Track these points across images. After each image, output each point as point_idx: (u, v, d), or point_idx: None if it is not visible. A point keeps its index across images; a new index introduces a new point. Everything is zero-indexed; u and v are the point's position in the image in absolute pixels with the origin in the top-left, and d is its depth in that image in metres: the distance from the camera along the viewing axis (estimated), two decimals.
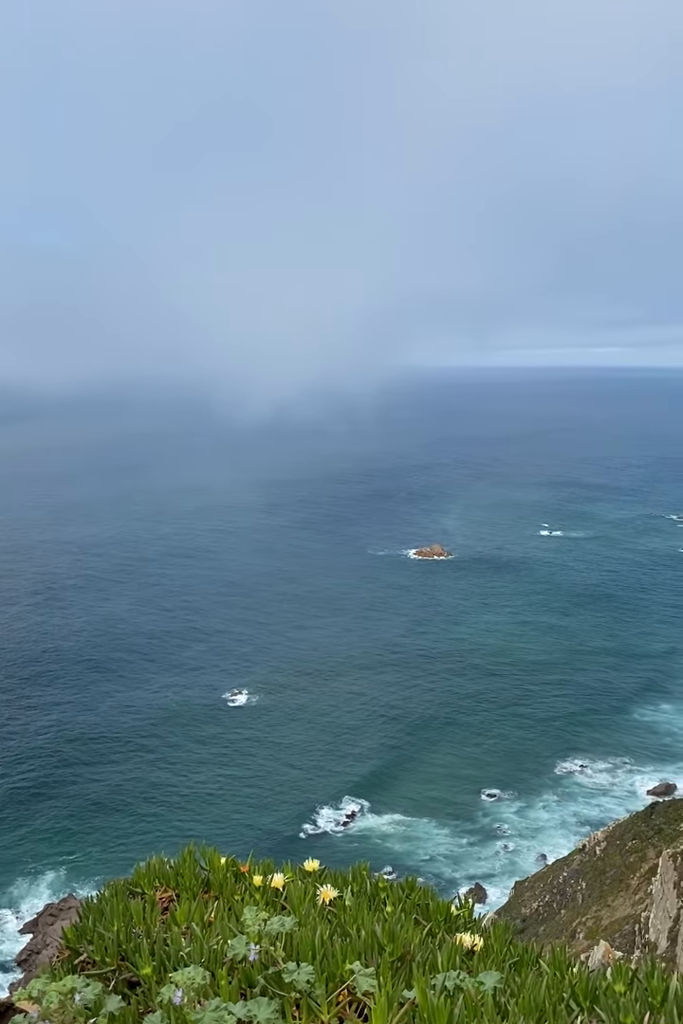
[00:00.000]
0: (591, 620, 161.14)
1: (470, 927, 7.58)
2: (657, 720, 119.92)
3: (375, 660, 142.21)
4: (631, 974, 5.65)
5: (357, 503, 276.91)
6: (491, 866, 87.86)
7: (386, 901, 8.04)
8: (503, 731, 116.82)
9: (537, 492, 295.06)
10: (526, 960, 6.77)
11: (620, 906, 56.84)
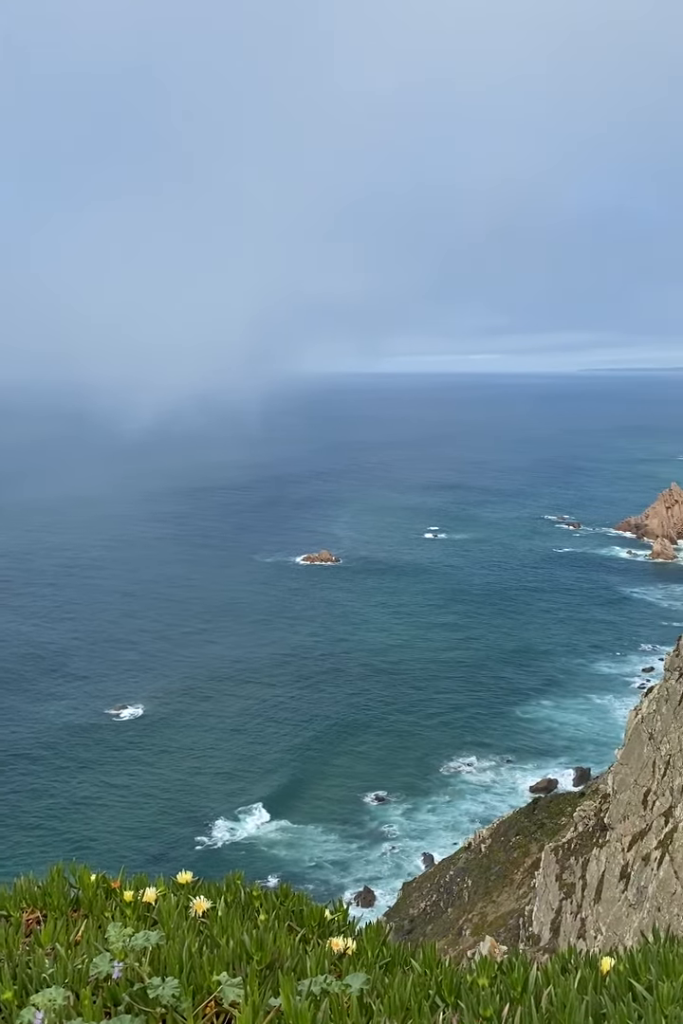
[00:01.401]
0: (475, 620, 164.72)
1: (344, 931, 7.57)
2: (538, 717, 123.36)
3: (265, 667, 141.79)
4: (497, 967, 5.73)
5: (244, 511, 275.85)
6: (379, 869, 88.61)
7: (259, 910, 7.96)
8: (391, 733, 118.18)
9: (423, 496, 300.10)
10: (397, 960, 6.81)
11: (505, 901, 58.17)
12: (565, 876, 49.24)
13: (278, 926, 7.49)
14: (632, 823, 45.17)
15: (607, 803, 50.52)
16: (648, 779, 46.36)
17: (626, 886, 41.83)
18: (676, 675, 49.62)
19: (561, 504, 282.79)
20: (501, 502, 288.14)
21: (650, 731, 48.84)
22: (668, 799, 42.88)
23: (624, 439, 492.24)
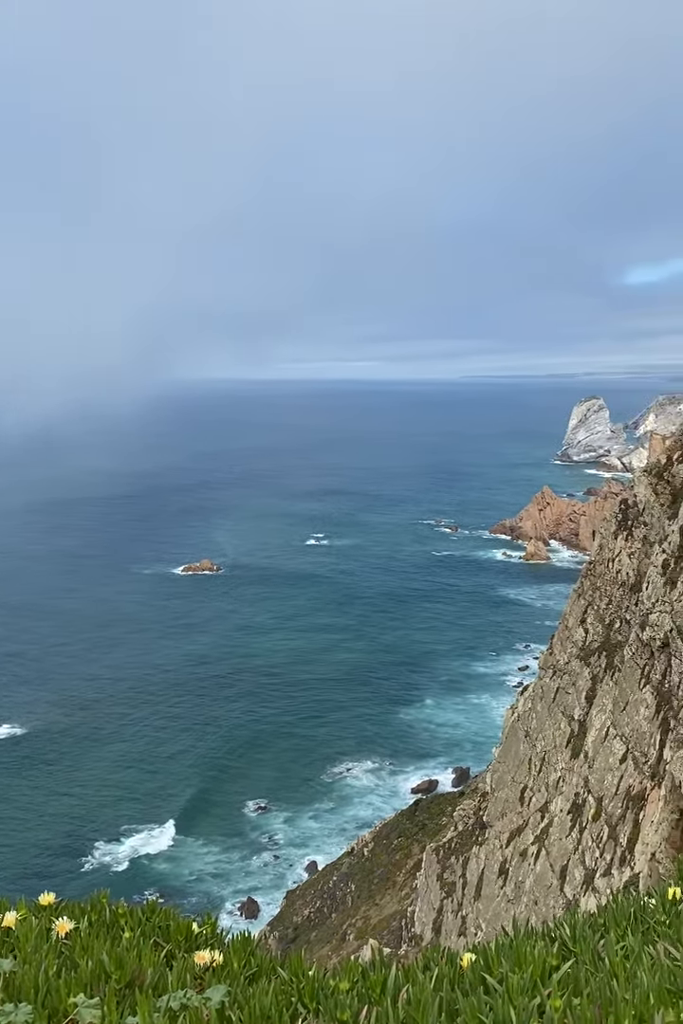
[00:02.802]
0: (357, 626, 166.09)
1: (211, 944, 7.44)
2: (420, 719, 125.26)
3: (143, 680, 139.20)
4: (359, 971, 5.72)
5: (123, 521, 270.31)
6: (261, 879, 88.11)
7: (125, 927, 7.75)
8: (274, 741, 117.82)
9: (306, 502, 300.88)
10: (264, 970, 6.73)
11: (388, 904, 58.71)
12: (446, 875, 50.05)
13: (143, 943, 7.31)
14: (510, 820, 46.31)
15: (486, 801, 51.66)
16: (525, 776, 47.65)
17: (505, 882, 42.84)
18: (550, 673, 51.19)
19: (440, 508, 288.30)
20: (383, 507, 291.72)
21: (526, 729, 50.24)
22: (544, 795, 44.16)
23: (501, 444, 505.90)
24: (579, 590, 53.64)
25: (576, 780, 39.52)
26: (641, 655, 41.39)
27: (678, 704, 36.31)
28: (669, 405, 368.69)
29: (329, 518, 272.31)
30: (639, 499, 49.93)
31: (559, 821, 39.21)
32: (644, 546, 47.71)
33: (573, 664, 47.87)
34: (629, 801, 35.00)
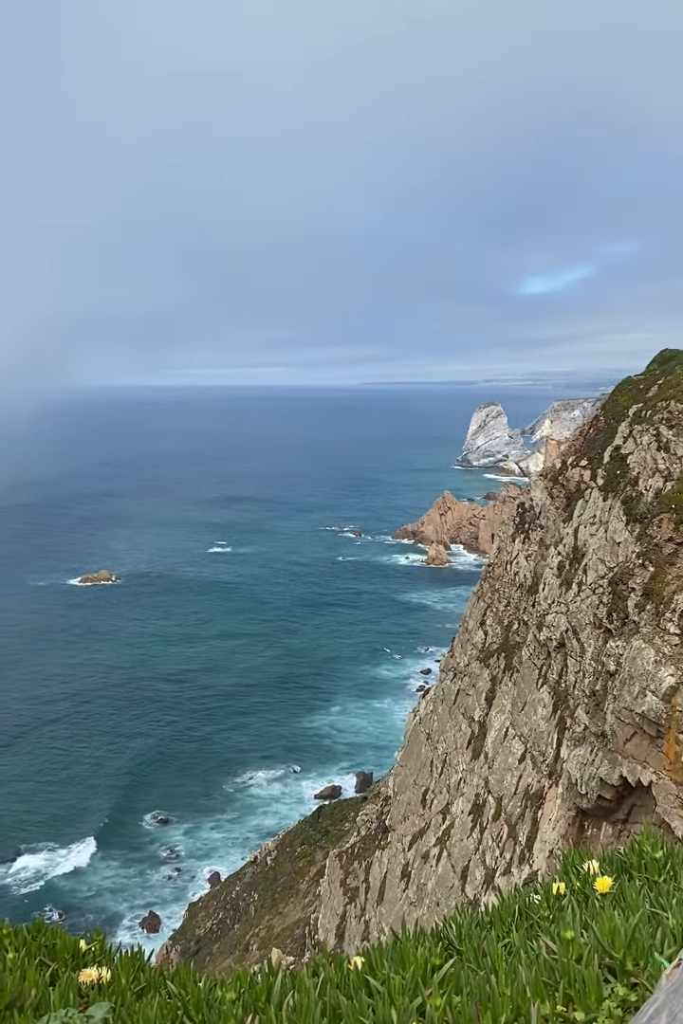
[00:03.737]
0: (261, 631, 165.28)
1: (99, 961, 7.23)
2: (323, 725, 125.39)
3: (40, 694, 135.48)
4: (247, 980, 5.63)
5: (14, 533, 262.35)
6: (163, 892, 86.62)
7: (8, 948, 7.46)
8: (174, 752, 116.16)
9: (208, 510, 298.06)
10: (153, 985, 6.57)
11: (291, 912, 58.49)
12: (349, 881, 50.17)
13: (28, 963, 7.06)
14: (412, 823, 46.72)
15: (388, 805, 52.01)
16: (427, 778, 48.15)
17: (407, 885, 43.17)
18: (451, 675, 51.92)
19: (344, 514, 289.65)
20: (287, 514, 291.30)
21: (427, 731, 50.79)
22: (445, 796, 44.72)
23: (403, 449, 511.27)
24: (478, 593, 54.60)
25: (476, 781, 40.13)
26: (538, 656, 42.36)
27: (574, 703, 37.27)
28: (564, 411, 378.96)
29: (232, 526, 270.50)
30: (535, 503, 51.14)
31: (460, 822, 39.74)
32: (540, 548, 48.89)
33: (473, 666, 48.63)
34: (528, 800, 35.71)
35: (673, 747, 30.44)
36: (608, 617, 36.26)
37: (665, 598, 32.55)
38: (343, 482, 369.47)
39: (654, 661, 31.51)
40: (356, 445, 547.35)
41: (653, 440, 40.37)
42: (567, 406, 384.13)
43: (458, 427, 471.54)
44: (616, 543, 39.30)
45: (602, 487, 42.54)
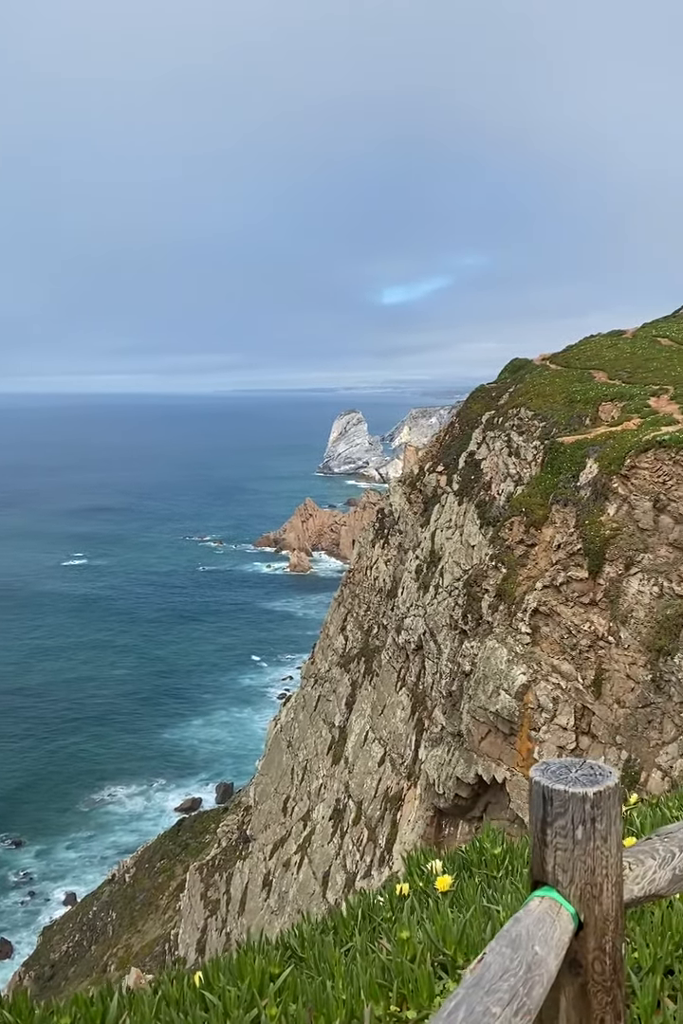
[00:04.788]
0: (120, 644, 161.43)
1: None
2: (185, 737, 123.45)
3: None
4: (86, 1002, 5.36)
5: None
6: (13, 918, 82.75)
7: None
8: (27, 770, 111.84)
9: (63, 522, 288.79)
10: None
11: (150, 929, 57.20)
12: (210, 893, 49.50)
13: None
14: (273, 831, 46.54)
15: (249, 815, 51.64)
16: (287, 786, 48.09)
17: (269, 894, 42.94)
18: (311, 682, 52.08)
19: (205, 523, 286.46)
20: (144, 524, 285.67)
21: (288, 739, 50.75)
22: (306, 803, 44.77)
23: (263, 457, 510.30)
24: (339, 598, 55.01)
25: (337, 786, 40.33)
26: (397, 659, 43.01)
27: (431, 704, 37.99)
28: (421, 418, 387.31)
29: (89, 537, 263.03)
30: (394, 508, 51.98)
31: (321, 828, 39.84)
32: (399, 553, 49.70)
33: (334, 671, 48.91)
34: (387, 802, 36.14)
35: (525, 743, 31.45)
36: (463, 618, 37.17)
37: (517, 598, 33.63)
38: (204, 491, 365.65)
39: (507, 660, 32.48)
40: (217, 453, 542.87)
41: (505, 446, 41.70)
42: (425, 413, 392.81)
43: (319, 434, 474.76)
44: (471, 546, 40.39)
45: (457, 492, 43.65)
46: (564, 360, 50.19)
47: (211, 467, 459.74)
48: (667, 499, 29.59)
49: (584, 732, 29.72)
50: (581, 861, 1.93)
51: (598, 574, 30.79)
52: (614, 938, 1.95)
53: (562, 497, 33.58)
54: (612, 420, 36.85)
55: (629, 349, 49.78)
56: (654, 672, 28.36)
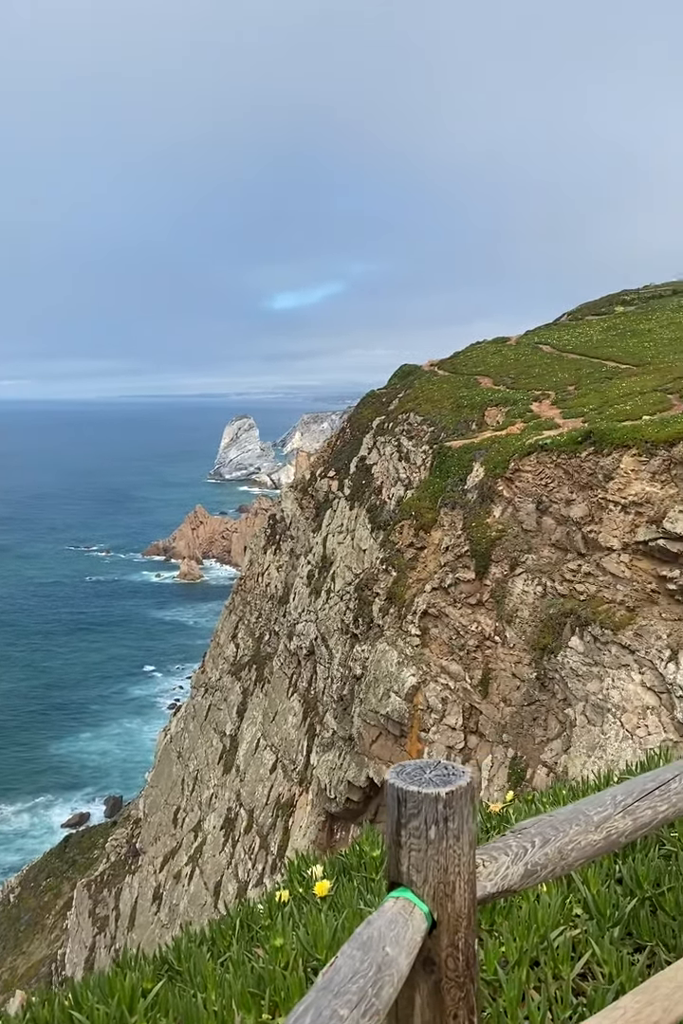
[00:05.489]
0: (3, 657, 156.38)
1: None
2: (72, 751, 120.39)
3: None
4: None
5: None
6: None
7: None
8: None
9: None
10: None
11: (36, 950, 55.47)
12: (98, 910, 48.34)
13: None
14: (163, 843, 45.81)
15: (139, 828, 50.70)
16: (178, 797, 47.42)
17: (159, 907, 42.23)
18: (202, 691, 51.54)
19: (92, 532, 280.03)
20: (27, 534, 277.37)
21: (178, 750, 50.08)
22: (197, 814, 44.23)
23: (153, 464, 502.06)
24: (230, 606, 54.64)
25: (228, 795, 40.00)
26: (289, 665, 42.97)
27: (323, 709, 38.09)
28: (313, 423, 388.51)
29: None
30: (286, 514, 51.95)
31: (212, 838, 39.43)
32: (291, 559, 49.69)
33: (225, 680, 48.54)
34: (279, 809, 36.04)
35: (416, 744, 31.87)
36: (355, 622, 37.44)
37: (406, 601, 34.08)
38: (90, 499, 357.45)
39: (397, 663, 32.87)
40: (104, 460, 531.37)
41: (395, 451, 42.26)
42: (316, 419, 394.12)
43: (210, 440, 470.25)
44: (362, 550, 40.73)
45: (349, 497, 43.97)
46: (451, 366, 51.26)
47: (98, 475, 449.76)
48: (549, 501, 30.45)
49: (472, 731, 30.31)
50: (434, 860, 1.94)
51: (485, 575, 31.47)
52: (467, 934, 1.98)
53: (450, 500, 34.21)
54: (497, 425, 37.76)
55: (513, 356, 51.19)
56: (538, 670, 29.13)
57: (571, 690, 27.27)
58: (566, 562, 29.38)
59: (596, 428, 30.64)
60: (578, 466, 29.79)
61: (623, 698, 26.27)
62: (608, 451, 29.08)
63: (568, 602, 28.79)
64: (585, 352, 48.33)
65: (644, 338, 49.20)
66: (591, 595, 28.22)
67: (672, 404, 32.73)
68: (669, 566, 26.75)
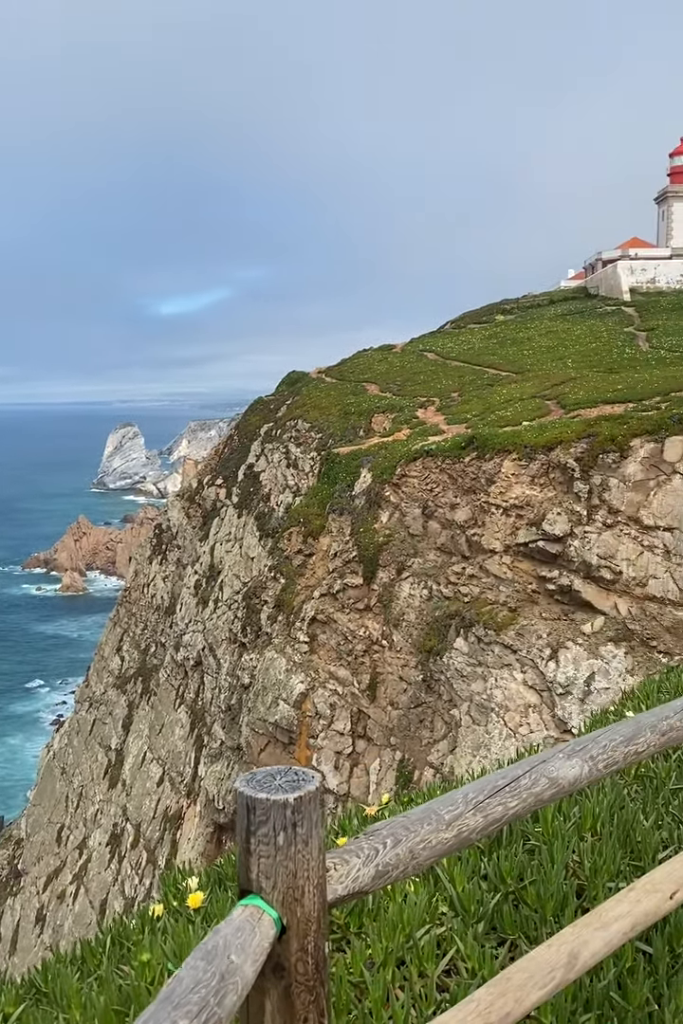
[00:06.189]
0: None
1: None
2: None
3: None
4: None
5: None
6: None
7: None
8: None
9: None
10: None
11: None
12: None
13: None
14: (47, 863, 44.49)
15: (21, 848, 49.10)
16: (62, 815, 46.13)
17: (42, 929, 40.97)
18: (86, 706, 50.31)
19: None
20: None
21: (62, 766, 48.74)
22: (82, 831, 43.12)
23: (33, 473, 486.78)
24: (115, 618, 53.56)
25: (114, 810, 39.16)
26: (176, 676, 42.39)
27: (211, 720, 37.71)
28: (200, 431, 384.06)
29: None
30: (173, 523, 51.29)
31: (98, 855, 38.52)
32: (178, 569, 49.06)
33: (110, 693, 47.54)
34: (167, 822, 35.49)
35: (305, 752, 31.90)
36: (243, 631, 37.25)
37: (295, 608, 34.10)
38: None
39: (285, 670, 32.84)
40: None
41: (283, 457, 42.26)
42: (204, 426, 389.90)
43: (94, 449, 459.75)
44: (250, 558, 40.55)
45: (237, 504, 43.73)
46: (339, 373, 51.64)
47: None
48: (434, 505, 31.00)
49: (360, 736, 30.55)
50: (283, 866, 1.95)
51: (372, 580, 31.78)
52: (316, 938, 1.99)
53: (338, 506, 34.42)
54: (384, 431, 38.22)
55: (399, 363, 51.93)
56: (425, 672, 29.60)
57: (456, 691, 27.80)
58: (451, 565, 29.96)
59: (479, 434, 31.39)
60: (462, 471, 30.43)
61: (506, 697, 26.94)
62: (490, 456, 29.81)
63: (453, 604, 29.37)
64: (468, 359, 49.40)
65: (523, 346, 50.63)
66: (475, 597, 28.85)
67: (550, 410, 33.82)
68: (548, 567, 27.61)
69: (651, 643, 25.86)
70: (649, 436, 27.12)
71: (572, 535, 26.88)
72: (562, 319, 57.88)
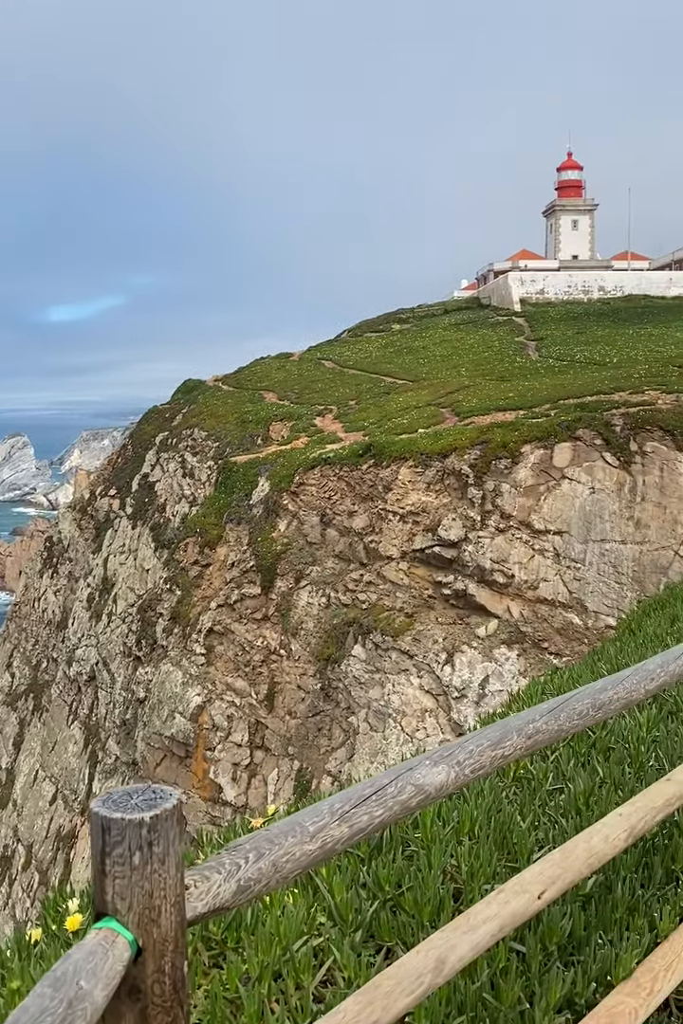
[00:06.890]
0: None
1: None
2: None
3: None
4: None
5: None
6: None
7: None
8: None
9: None
10: None
11: None
12: None
13: None
14: None
15: None
16: None
17: None
18: None
19: None
20: None
21: None
22: None
23: None
24: (5, 634, 51.90)
25: (4, 831, 37.93)
26: (69, 692, 41.33)
27: (105, 735, 36.90)
28: (93, 440, 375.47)
29: None
30: (64, 535, 50.01)
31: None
32: (70, 582, 47.85)
33: (0, 711, 46.07)
34: (60, 841, 34.57)
35: (201, 765, 31.51)
36: (138, 644, 36.58)
37: (192, 620, 33.68)
38: None
39: (182, 683, 32.41)
40: None
41: (179, 467, 41.71)
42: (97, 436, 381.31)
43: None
44: (145, 570, 39.87)
45: (131, 515, 42.93)
46: (236, 381, 51.35)
47: None
48: (333, 513, 31.11)
49: (258, 746, 30.38)
50: (139, 886, 1.91)
51: (270, 589, 31.66)
52: (174, 958, 1.96)
53: (235, 516, 34.20)
54: (282, 439, 38.17)
55: (296, 371, 51.99)
56: (323, 681, 29.64)
57: (354, 698, 27.93)
58: (349, 572, 30.10)
59: (376, 441, 31.67)
60: (359, 478, 30.63)
61: (403, 702, 27.21)
62: (387, 463, 30.11)
63: (351, 611, 29.50)
64: (365, 368, 49.83)
65: (419, 355, 51.37)
66: (373, 603, 29.05)
67: (445, 417, 34.39)
68: (444, 572, 28.04)
69: (543, 644, 26.53)
70: (539, 442, 27.88)
71: (466, 540, 27.37)
72: (456, 328, 58.99)
